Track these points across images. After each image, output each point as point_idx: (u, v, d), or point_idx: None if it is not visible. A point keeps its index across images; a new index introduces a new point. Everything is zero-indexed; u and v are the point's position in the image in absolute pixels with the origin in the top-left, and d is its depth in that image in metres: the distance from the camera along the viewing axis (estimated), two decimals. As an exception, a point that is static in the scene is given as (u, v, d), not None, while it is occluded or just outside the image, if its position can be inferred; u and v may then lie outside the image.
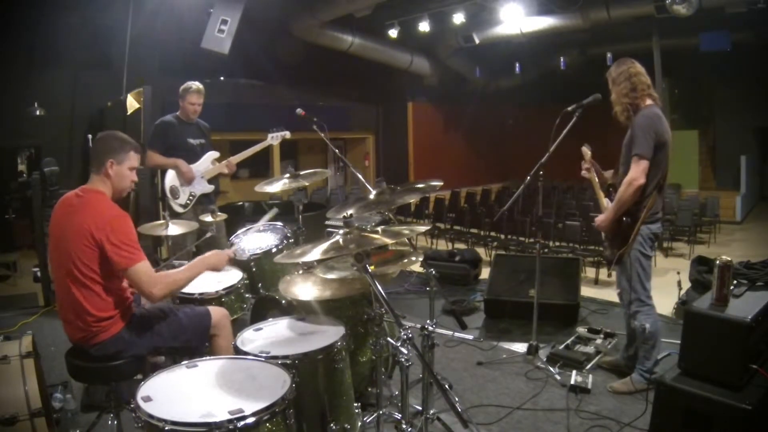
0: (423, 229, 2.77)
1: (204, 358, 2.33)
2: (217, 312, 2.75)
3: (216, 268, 2.70)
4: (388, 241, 2.13)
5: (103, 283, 2.38)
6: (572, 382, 3.44)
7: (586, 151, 3.51)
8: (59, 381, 3.13)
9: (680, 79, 12.41)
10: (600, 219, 3.42)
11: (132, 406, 1.88)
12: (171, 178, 4.41)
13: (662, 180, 3.27)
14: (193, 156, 4.49)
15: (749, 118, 12.26)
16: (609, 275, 6.49)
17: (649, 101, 3.27)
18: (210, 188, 4.57)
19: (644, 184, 3.17)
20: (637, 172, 3.16)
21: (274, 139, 4.54)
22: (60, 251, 2.41)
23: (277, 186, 3.64)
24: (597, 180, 3.48)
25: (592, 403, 3.28)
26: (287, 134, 4.53)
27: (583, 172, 3.53)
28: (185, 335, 2.61)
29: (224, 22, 7.33)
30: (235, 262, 3.67)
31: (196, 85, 4.44)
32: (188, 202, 4.46)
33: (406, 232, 2.38)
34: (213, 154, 4.58)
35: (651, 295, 3.36)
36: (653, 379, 3.35)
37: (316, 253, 2.10)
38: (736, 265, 3.34)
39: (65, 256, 2.37)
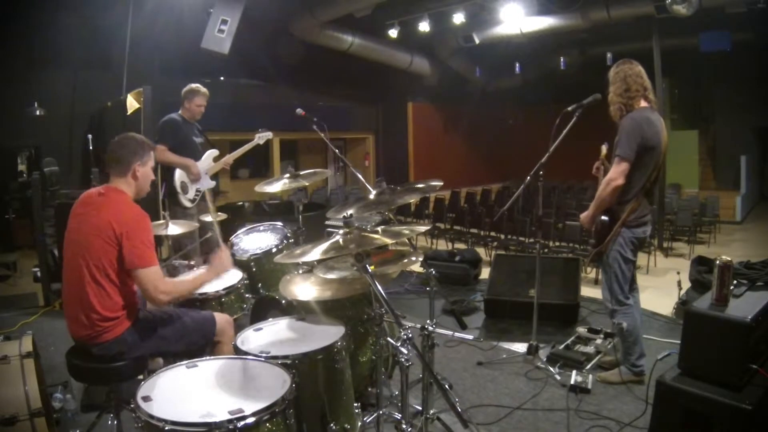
0: (423, 229, 2.77)
1: (204, 358, 2.33)
2: (221, 319, 2.76)
3: (221, 273, 2.83)
4: (388, 241, 2.13)
5: (116, 282, 2.40)
6: (572, 382, 3.44)
7: (604, 149, 3.53)
8: (59, 381, 3.13)
9: (680, 79, 12.40)
10: (583, 215, 3.46)
11: (132, 406, 1.88)
12: (180, 174, 4.58)
13: (649, 184, 3.27)
14: (197, 154, 4.67)
15: (749, 118, 12.24)
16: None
17: (643, 103, 3.27)
18: (212, 184, 4.79)
19: (625, 186, 3.20)
20: (615, 173, 3.18)
21: (260, 138, 4.77)
22: (76, 247, 2.42)
23: (277, 186, 3.64)
24: (601, 179, 3.48)
25: (592, 403, 3.28)
26: (270, 135, 4.79)
27: (594, 171, 3.56)
28: (189, 339, 2.62)
29: (224, 22, 7.34)
30: (234, 263, 3.67)
31: (203, 88, 4.67)
32: (195, 197, 4.66)
33: (406, 232, 2.38)
34: (213, 153, 4.77)
35: (629, 295, 3.40)
36: (640, 372, 3.41)
37: (316, 253, 2.10)
38: (736, 265, 3.35)
39: (82, 252, 2.38)
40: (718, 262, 2.58)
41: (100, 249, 2.35)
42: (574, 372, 3.56)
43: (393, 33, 10.00)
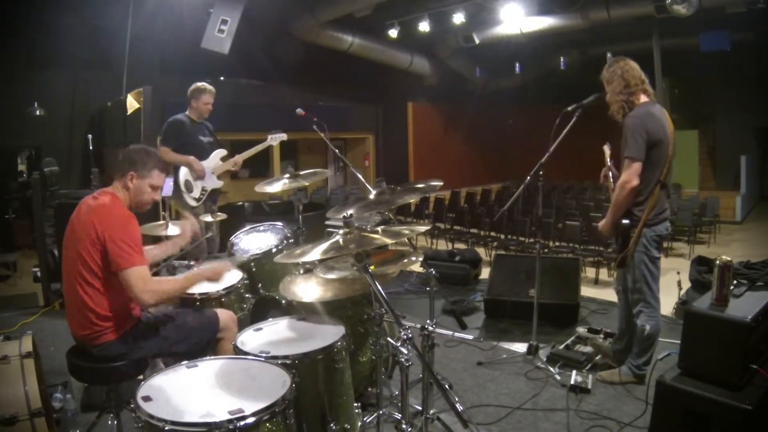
0: (423, 229, 2.77)
1: (204, 358, 2.32)
2: (225, 315, 2.77)
3: (213, 280, 2.71)
4: (388, 241, 2.13)
5: (109, 283, 2.39)
6: (572, 382, 3.44)
7: (607, 150, 3.50)
8: (59, 381, 3.13)
9: (680, 79, 12.41)
10: (601, 223, 3.42)
11: (132, 406, 1.88)
12: (185, 173, 4.57)
13: (663, 178, 3.24)
14: (203, 153, 4.65)
15: (749, 118, 12.26)
16: (610, 275, 6.49)
17: (643, 97, 3.25)
18: (219, 183, 4.76)
19: (639, 186, 3.16)
20: (629, 174, 3.14)
21: (273, 140, 4.73)
22: (70, 250, 2.44)
23: (277, 186, 3.64)
24: (612, 186, 3.44)
25: (592, 403, 3.28)
26: (284, 137, 4.73)
27: (602, 180, 3.53)
28: (193, 339, 2.62)
29: (224, 22, 7.35)
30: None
31: (209, 86, 4.64)
32: (201, 195, 4.63)
33: (406, 232, 2.38)
34: (221, 152, 4.76)
35: (659, 297, 3.36)
36: (642, 375, 3.41)
37: (316, 253, 2.10)
38: (736, 265, 3.34)
39: (74, 255, 2.40)
40: (718, 262, 2.57)
41: (88, 251, 2.35)
42: (574, 372, 3.55)
43: (393, 33, 10.01)
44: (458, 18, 9.27)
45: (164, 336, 2.56)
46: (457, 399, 3.26)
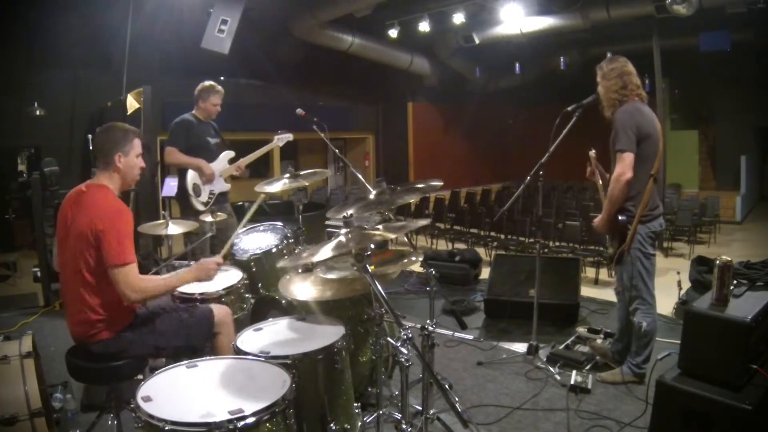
0: (422, 222, 2.77)
1: (204, 358, 2.32)
2: (219, 310, 2.76)
3: (203, 280, 2.65)
4: (389, 235, 2.13)
5: (105, 279, 2.38)
6: (572, 382, 3.44)
7: (592, 155, 3.52)
8: (59, 381, 3.13)
9: (680, 79, 12.39)
10: (596, 220, 3.43)
11: (132, 406, 1.88)
12: (193, 176, 4.43)
13: (655, 173, 3.26)
14: (211, 155, 4.53)
15: (749, 118, 12.25)
16: (610, 275, 6.49)
17: (635, 99, 3.29)
18: (227, 187, 4.64)
19: (633, 179, 3.18)
20: (623, 167, 3.17)
21: (280, 141, 4.61)
22: (65, 247, 2.43)
23: (277, 186, 3.63)
24: (601, 182, 3.47)
25: (592, 403, 3.28)
26: (290, 137, 4.61)
27: (588, 175, 3.54)
28: (188, 334, 2.61)
29: (224, 22, 7.35)
30: (234, 263, 3.67)
31: (218, 86, 4.49)
32: (209, 200, 4.51)
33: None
34: (229, 154, 4.64)
35: (654, 293, 3.37)
36: (642, 374, 3.41)
37: (322, 255, 2.09)
38: (736, 265, 3.35)
39: (70, 253, 2.39)
40: (718, 262, 2.58)
41: (86, 249, 2.34)
42: (574, 372, 3.56)
43: (393, 33, 10.00)
44: (458, 18, 9.27)
45: (161, 331, 2.55)
46: (457, 399, 3.27)
